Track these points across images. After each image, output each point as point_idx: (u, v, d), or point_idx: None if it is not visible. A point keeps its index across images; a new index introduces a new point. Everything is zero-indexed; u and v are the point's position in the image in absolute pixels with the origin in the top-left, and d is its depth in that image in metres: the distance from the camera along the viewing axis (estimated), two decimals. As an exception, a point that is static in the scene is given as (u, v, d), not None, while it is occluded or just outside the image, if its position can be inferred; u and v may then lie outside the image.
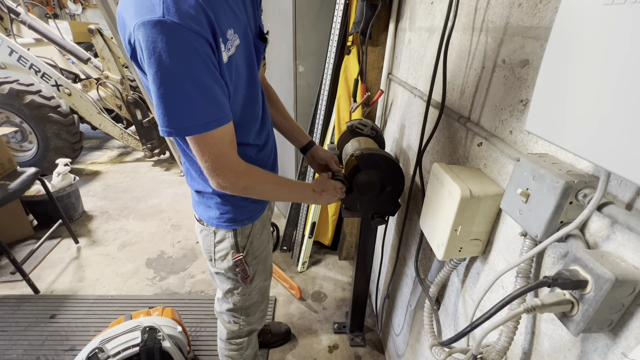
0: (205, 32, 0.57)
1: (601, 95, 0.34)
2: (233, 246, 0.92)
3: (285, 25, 1.76)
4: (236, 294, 1.01)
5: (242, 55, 0.72)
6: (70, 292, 1.90)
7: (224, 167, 0.70)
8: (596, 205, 0.41)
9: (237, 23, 0.67)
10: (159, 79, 0.57)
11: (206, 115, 0.62)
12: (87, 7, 7.90)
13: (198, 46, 0.57)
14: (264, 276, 1.05)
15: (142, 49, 0.56)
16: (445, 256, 0.71)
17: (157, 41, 0.54)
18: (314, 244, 2.20)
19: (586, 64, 0.36)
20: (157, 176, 3.34)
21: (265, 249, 1.02)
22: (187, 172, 0.90)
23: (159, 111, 0.60)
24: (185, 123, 0.61)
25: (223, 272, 0.96)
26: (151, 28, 0.53)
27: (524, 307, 0.44)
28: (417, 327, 1.15)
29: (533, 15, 0.56)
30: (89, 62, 3.55)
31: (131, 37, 0.58)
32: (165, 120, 0.61)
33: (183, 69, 0.57)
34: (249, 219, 0.91)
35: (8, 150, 1.97)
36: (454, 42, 0.85)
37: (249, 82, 0.78)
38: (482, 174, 0.71)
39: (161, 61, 0.55)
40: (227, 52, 0.64)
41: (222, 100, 0.65)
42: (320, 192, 0.92)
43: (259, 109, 0.86)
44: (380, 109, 1.61)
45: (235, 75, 0.70)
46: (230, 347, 1.15)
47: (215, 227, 0.90)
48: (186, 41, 0.55)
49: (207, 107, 0.62)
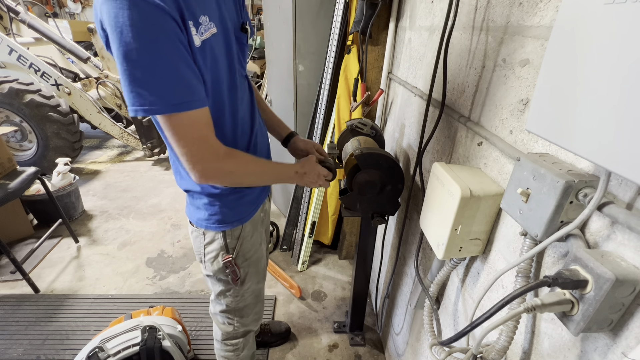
0: (169, 9, 0.55)
1: (602, 94, 0.34)
2: (222, 247, 0.90)
3: (285, 24, 1.76)
4: (228, 295, 1.00)
5: (221, 45, 0.70)
6: (71, 291, 1.90)
7: (203, 150, 0.67)
8: (596, 205, 0.41)
9: (213, 12, 0.66)
10: (122, 55, 0.55)
11: (175, 95, 0.60)
12: (86, 6, 7.88)
13: (162, 21, 0.55)
14: (256, 279, 1.04)
15: (107, 27, 0.55)
16: (445, 255, 0.71)
17: (118, 16, 0.52)
18: (314, 243, 2.20)
19: (587, 64, 0.36)
20: (157, 175, 3.34)
21: (257, 252, 1.00)
22: (175, 172, 0.87)
23: (124, 88, 0.58)
24: (151, 100, 0.58)
25: (213, 274, 0.95)
26: (113, 3, 0.52)
27: (524, 307, 0.44)
28: (417, 327, 1.15)
29: (534, 15, 0.56)
30: (89, 61, 3.55)
31: (102, 21, 0.56)
32: (130, 97, 0.58)
33: (146, 43, 0.55)
34: (238, 221, 0.90)
35: (8, 150, 1.97)
36: (454, 41, 0.85)
37: (230, 73, 0.75)
38: (482, 173, 0.71)
39: (122, 36, 0.53)
40: (200, 35, 0.62)
41: (193, 82, 0.62)
42: (302, 174, 0.90)
43: (245, 103, 0.84)
44: (380, 108, 1.61)
45: (212, 63, 0.68)
46: (226, 348, 1.15)
47: (205, 228, 0.89)
48: (148, 16, 0.54)
49: (175, 86, 0.59)
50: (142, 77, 0.57)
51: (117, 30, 0.53)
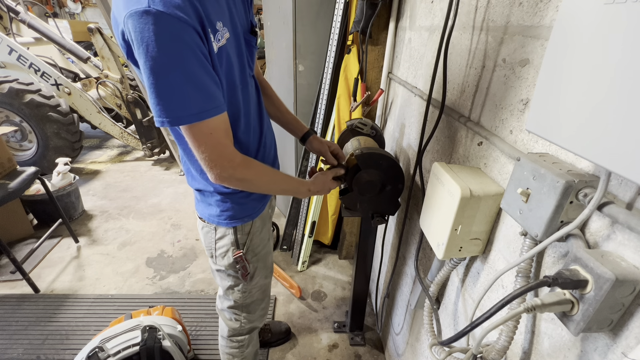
0: (192, 21, 0.57)
1: (602, 94, 0.34)
2: (233, 243, 0.92)
3: (285, 24, 1.76)
4: (237, 291, 1.02)
5: (233, 48, 0.72)
6: (71, 291, 1.90)
7: (221, 157, 0.70)
8: (596, 205, 0.41)
9: (226, 17, 0.67)
10: (149, 69, 0.57)
11: (197, 105, 0.62)
12: (86, 6, 7.88)
13: (185, 35, 0.57)
14: (264, 274, 1.06)
15: (132, 41, 0.57)
16: (445, 255, 0.71)
17: (144, 31, 0.54)
18: (314, 243, 2.20)
19: (587, 63, 0.36)
20: (157, 175, 3.34)
21: (265, 247, 1.02)
22: (187, 172, 0.90)
23: (151, 101, 0.61)
24: (176, 113, 0.61)
25: (224, 269, 0.97)
26: (138, 18, 0.54)
27: (524, 307, 0.44)
28: (417, 327, 1.15)
29: (534, 15, 0.56)
30: (89, 61, 3.55)
31: (125, 33, 0.58)
32: (157, 110, 0.61)
33: (170, 57, 0.57)
34: (248, 217, 0.92)
35: (8, 150, 1.97)
36: (454, 41, 0.85)
37: (242, 76, 0.78)
38: (482, 173, 0.71)
39: (149, 50, 0.55)
40: (217, 42, 0.65)
41: (214, 90, 0.65)
42: (315, 192, 0.93)
43: (254, 104, 0.86)
44: (380, 108, 1.61)
45: (227, 67, 0.70)
46: (231, 345, 1.15)
47: (216, 224, 0.91)
48: (172, 30, 0.55)
49: (197, 96, 0.62)
50: (168, 90, 0.59)
51: (144, 45, 0.55)
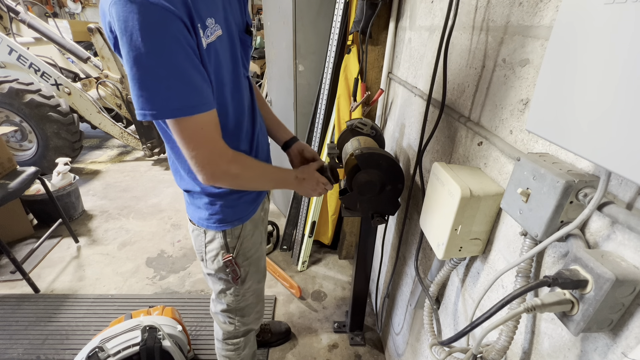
0: (179, 12, 0.55)
1: (602, 94, 0.34)
2: (223, 246, 0.90)
3: (285, 24, 1.76)
4: (229, 294, 1.01)
5: (226, 47, 0.70)
6: (71, 291, 1.90)
7: (213, 153, 0.67)
8: (596, 205, 0.41)
9: (219, 14, 0.66)
10: (132, 59, 0.54)
11: (183, 99, 0.59)
12: (86, 5, 7.88)
13: (172, 25, 0.54)
14: (257, 278, 1.04)
15: (116, 30, 0.54)
16: (445, 255, 0.71)
17: (127, 20, 0.52)
18: (314, 243, 2.20)
19: (587, 63, 0.36)
20: (157, 175, 3.34)
21: (257, 251, 1.00)
22: (175, 172, 0.87)
23: (133, 92, 0.58)
24: (160, 105, 0.58)
25: (214, 272, 0.95)
26: (122, 6, 0.52)
27: (524, 307, 0.44)
28: (417, 326, 1.15)
29: (534, 15, 0.56)
30: (89, 61, 3.55)
31: (111, 23, 0.55)
32: (139, 102, 0.58)
33: (155, 47, 0.54)
34: (238, 220, 0.90)
35: (8, 150, 1.97)
36: (454, 41, 0.85)
37: (234, 75, 0.76)
38: (482, 173, 0.71)
39: (132, 39, 0.53)
40: (206, 38, 0.62)
41: (201, 85, 0.62)
42: (301, 180, 0.91)
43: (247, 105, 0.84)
44: (380, 108, 1.61)
45: (216, 65, 0.68)
46: (227, 348, 1.15)
47: (205, 227, 0.89)
48: (158, 19, 0.53)
49: (183, 90, 0.59)
50: (151, 81, 0.57)
51: (127, 34, 0.53)
